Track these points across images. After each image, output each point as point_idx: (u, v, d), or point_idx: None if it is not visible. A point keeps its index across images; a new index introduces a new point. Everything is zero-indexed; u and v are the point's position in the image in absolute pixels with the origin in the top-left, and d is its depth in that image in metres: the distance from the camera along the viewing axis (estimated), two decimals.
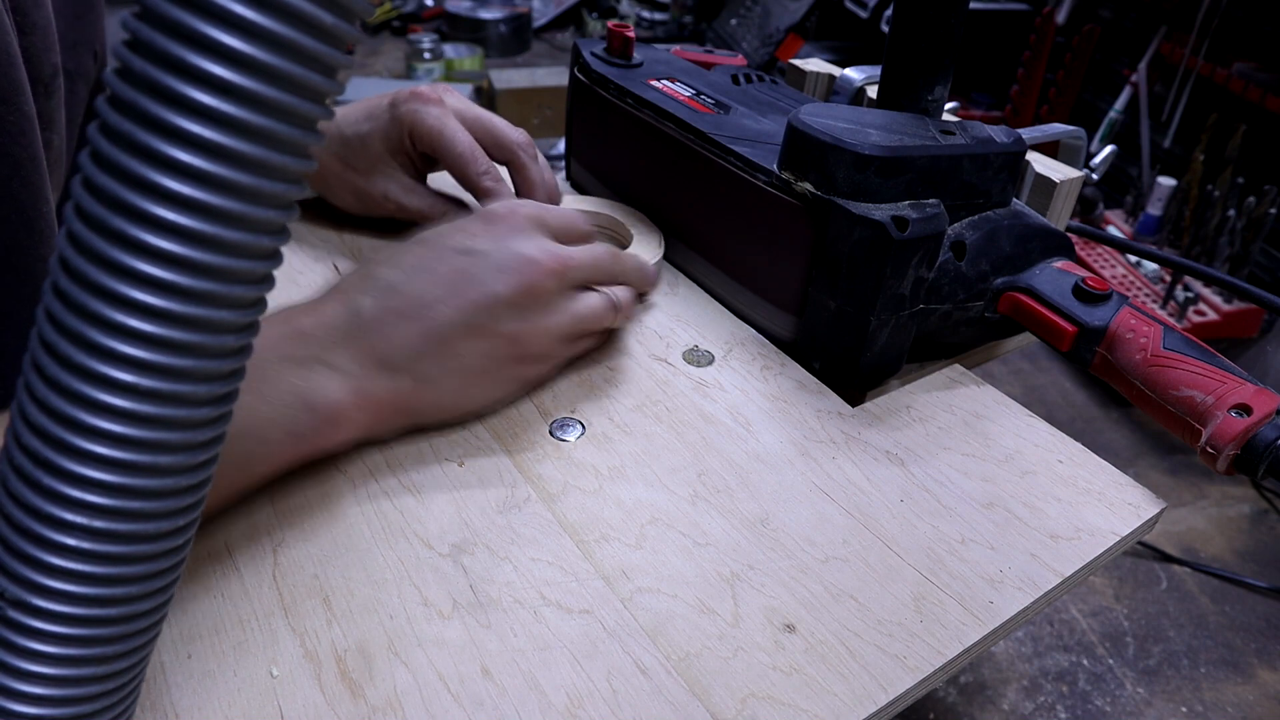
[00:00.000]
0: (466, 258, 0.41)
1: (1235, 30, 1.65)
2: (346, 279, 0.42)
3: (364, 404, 0.39)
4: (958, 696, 1.06)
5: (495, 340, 0.41)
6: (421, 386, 0.41)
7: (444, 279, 0.41)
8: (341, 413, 0.39)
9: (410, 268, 0.41)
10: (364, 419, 0.40)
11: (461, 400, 0.43)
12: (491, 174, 0.54)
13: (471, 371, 0.42)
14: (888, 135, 0.45)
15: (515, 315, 0.42)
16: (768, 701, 0.33)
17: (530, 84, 2.29)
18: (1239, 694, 1.08)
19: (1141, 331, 0.44)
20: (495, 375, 0.43)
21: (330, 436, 0.39)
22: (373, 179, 0.57)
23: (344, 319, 0.40)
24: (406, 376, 0.40)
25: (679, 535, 0.39)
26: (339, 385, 0.39)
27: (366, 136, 0.55)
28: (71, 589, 0.23)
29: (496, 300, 0.41)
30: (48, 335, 0.22)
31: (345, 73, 0.23)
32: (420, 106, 0.54)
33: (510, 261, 0.41)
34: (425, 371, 0.40)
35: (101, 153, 0.21)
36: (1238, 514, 1.35)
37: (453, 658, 0.33)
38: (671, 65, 0.63)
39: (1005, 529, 0.41)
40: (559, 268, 0.42)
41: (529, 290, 0.41)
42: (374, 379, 0.40)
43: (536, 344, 0.43)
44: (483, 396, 0.44)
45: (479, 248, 0.42)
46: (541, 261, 0.42)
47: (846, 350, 0.47)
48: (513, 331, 0.42)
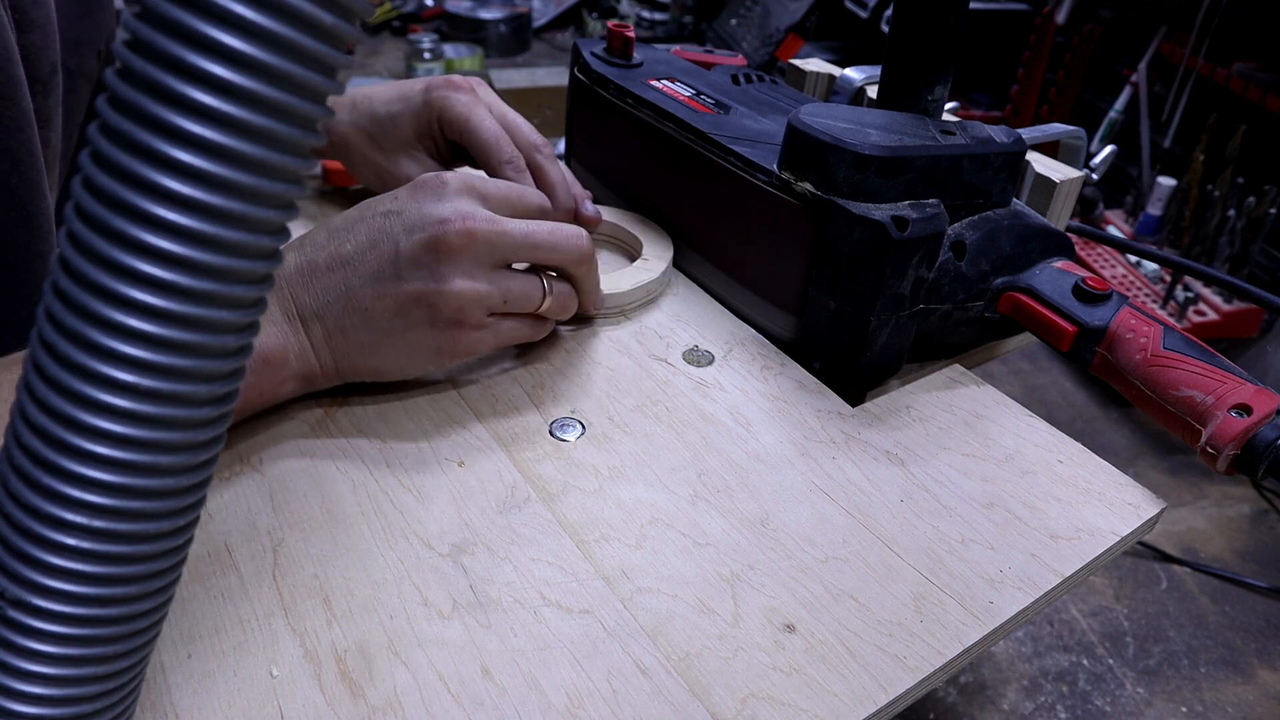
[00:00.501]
0: (385, 219, 0.43)
1: (1235, 30, 1.65)
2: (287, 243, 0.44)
3: (290, 348, 0.42)
4: (958, 696, 1.06)
5: (402, 299, 0.42)
6: (334, 336, 0.42)
7: (360, 237, 0.43)
8: (271, 354, 0.41)
9: (335, 228, 0.43)
10: (294, 364, 0.42)
11: (375, 359, 0.43)
12: (515, 163, 0.54)
13: (381, 329, 0.42)
14: (888, 135, 0.45)
15: (422, 273, 0.41)
16: (768, 701, 0.33)
17: (530, 84, 2.28)
18: (1239, 694, 1.08)
19: (1141, 331, 0.44)
20: (408, 337, 0.43)
21: (266, 378, 0.41)
22: (397, 160, 0.58)
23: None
24: (318, 325, 0.42)
25: (679, 535, 0.39)
26: (267, 331, 0.41)
27: (398, 117, 0.57)
28: (71, 589, 0.23)
29: (400, 255, 0.41)
30: (48, 335, 0.22)
31: (345, 73, 0.23)
32: (452, 93, 0.55)
33: (421, 220, 0.42)
34: (337, 322, 0.42)
35: (101, 152, 0.21)
36: (1238, 514, 1.35)
37: (453, 658, 0.33)
38: (671, 65, 0.63)
39: (1005, 529, 0.41)
40: (468, 228, 0.41)
41: (432, 247, 0.41)
42: (295, 326, 0.42)
43: (448, 306, 0.42)
44: (397, 358, 0.44)
45: (397, 209, 0.43)
46: (450, 220, 0.41)
47: (846, 350, 0.47)
48: (418, 290, 0.41)
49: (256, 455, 0.42)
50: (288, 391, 0.43)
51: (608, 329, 0.52)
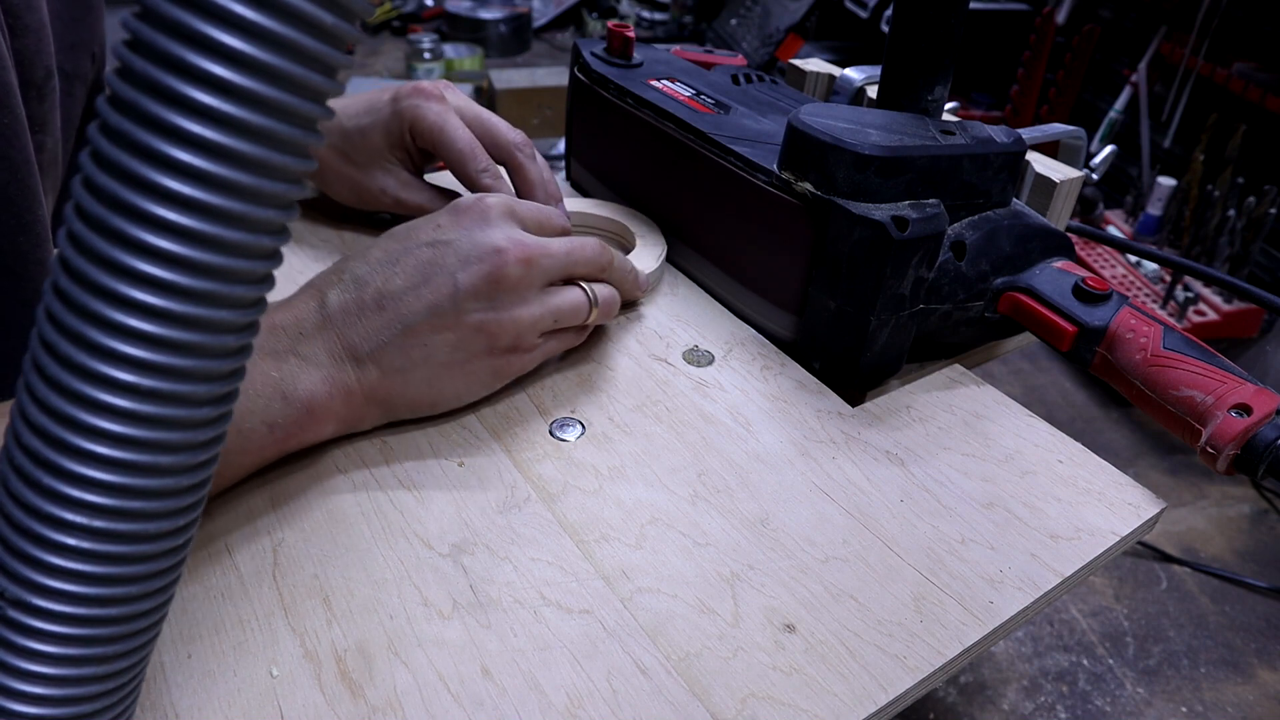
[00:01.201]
0: (432, 249, 0.42)
1: (1235, 30, 1.65)
2: (320, 275, 0.43)
3: (336, 394, 0.40)
4: (958, 696, 1.06)
5: (462, 331, 0.41)
6: (390, 377, 0.41)
7: (410, 270, 0.41)
8: (316, 402, 0.39)
9: (378, 261, 0.42)
10: (339, 409, 0.40)
11: (432, 392, 0.43)
12: (491, 171, 0.54)
13: (440, 363, 0.42)
14: (888, 135, 0.45)
15: (482, 305, 0.41)
16: (768, 701, 0.33)
17: (530, 84, 2.29)
18: (1239, 694, 1.08)
19: (1141, 331, 0.44)
20: (466, 368, 0.43)
21: (308, 427, 0.39)
22: (371, 173, 0.57)
23: (313, 312, 0.40)
24: (373, 367, 0.41)
25: (679, 535, 0.39)
26: (311, 376, 0.39)
27: (367, 130, 0.55)
28: (72, 589, 0.23)
29: (460, 290, 0.41)
30: (48, 335, 0.22)
31: (345, 73, 0.23)
32: (422, 102, 0.54)
33: (475, 251, 0.41)
34: (392, 362, 0.41)
35: (101, 152, 0.21)
36: (1238, 514, 1.35)
37: (453, 658, 0.33)
38: (671, 65, 0.63)
39: (1005, 529, 0.41)
40: (525, 256, 0.42)
41: (494, 279, 0.41)
42: (343, 370, 0.40)
43: (507, 335, 0.42)
44: (455, 389, 0.43)
45: (445, 238, 0.42)
46: (507, 250, 0.41)
47: (846, 350, 0.47)
48: (479, 322, 0.41)
49: None
50: (328, 434, 0.41)
51: (604, 325, 0.52)
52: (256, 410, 0.37)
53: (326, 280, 0.42)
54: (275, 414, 0.38)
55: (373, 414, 0.42)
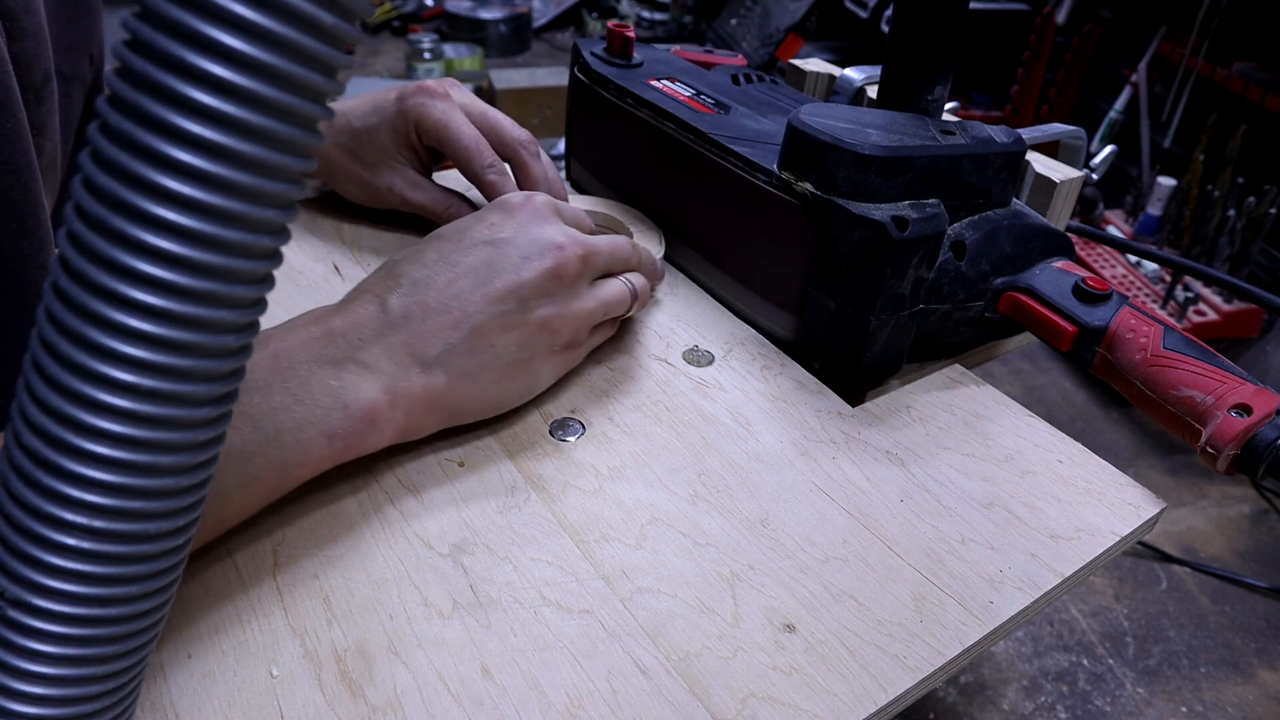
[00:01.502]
0: (491, 248, 0.41)
1: (1235, 30, 1.65)
2: (371, 279, 0.42)
3: (399, 402, 0.39)
4: (958, 696, 1.06)
5: (527, 328, 0.41)
6: (457, 381, 0.40)
7: (471, 270, 0.41)
8: (377, 412, 0.38)
9: (434, 262, 0.41)
10: (400, 418, 0.39)
11: (498, 394, 0.42)
12: (496, 168, 0.54)
13: (506, 363, 0.41)
14: (888, 135, 0.45)
15: (546, 301, 0.42)
16: (768, 701, 0.33)
17: (530, 84, 2.28)
18: (1239, 694, 1.08)
19: (1141, 331, 0.44)
20: (530, 365, 0.43)
21: (366, 437, 0.38)
22: (379, 172, 0.57)
23: (374, 317, 0.39)
24: (441, 372, 0.40)
25: (679, 535, 0.39)
26: (373, 384, 0.38)
27: (374, 129, 0.56)
28: (72, 589, 0.23)
29: (526, 286, 0.41)
30: (48, 335, 0.22)
31: (345, 73, 0.23)
32: (427, 100, 0.54)
33: (535, 247, 0.41)
34: (460, 365, 0.40)
35: (101, 153, 0.21)
36: (1238, 514, 1.35)
37: (453, 658, 0.33)
38: (671, 65, 0.63)
39: (1005, 529, 0.41)
40: (584, 251, 0.43)
41: (557, 274, 0.41)
42: (408, 376, 0.39)
43: (568, 330, 0.43)
44: (518, 388, 0.43)
45: (502, 236, 0.42)
46: (566, 246, 0.42)
47: (846, 350, 0.47)
48: (544, 318, 0.42)
49: None
50: (385, 444, 0.40)
51: None
52: (315, 420, 0.36)
53: (381, 284, 0.41)
54: (335, 424, 0.36)
55: (433, 420, 0.41)
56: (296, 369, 0.36)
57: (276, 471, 0.36)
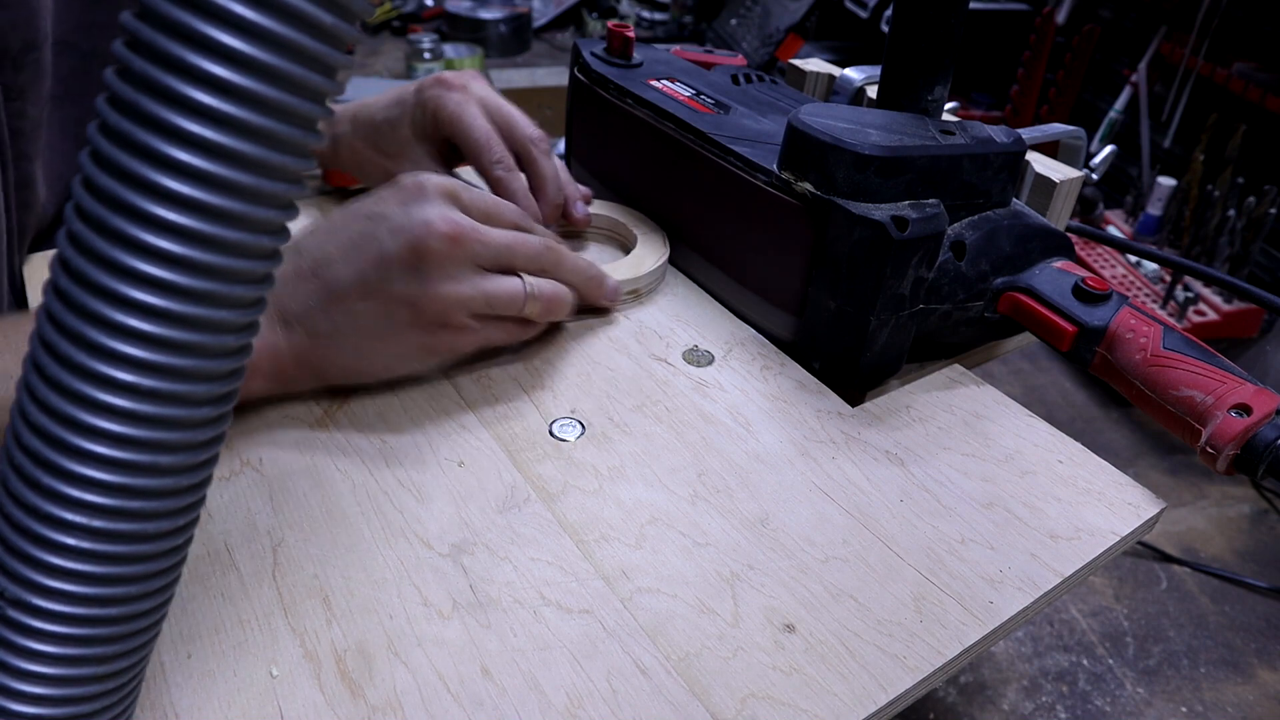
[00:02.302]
0: (369, 221, 0.43)
1: (1235, 30, 1.65)
2: None
3: (264, 351, 0.41)
4: (958, 696, 1.06)
5: (388, 301, 0.42)
6: (318, 341, 0.42)
7: (345, 240, 0.42)
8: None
9: (320, 231, 0.43)
10: (265, 366, 0.42)
11: (361, 361, 0.44)
12: (504, 163, 0.54)
13: (367, 332, 0.43)
14: (888, 135, 0.45)
15: (408, 276, 0.42)
16: (768, 701, 0.33)
17: (530, 84, 2.28)
18: (1239, 694, 1.08)
19: (1141, 331, 0.44)
20: (394, 338, 0.43)
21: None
22: (401, 164, 0.58)
23: None
24: (301, 330, 0.42)
25: (679, 535, 0.39)
26: None
27: (396, 121, 0.57)
28: (71, 589, 0.23)
29: (386, 258, 0.41)
30: (48, 335, 0.22)
31: (345, 73, 0.23)
32: (443, 92, 0.55)
33: (406, 224, 0.42)
34: (320, 326, 0.42)
35: (101, 152, 0.21)
36: (1238, 514, 1.35)
37: (452, 658, 0.33)
38: (671, 65, 0.63)
39: (1005, 529, 0.41)
40: (453, 233, 0.42)
41: (418, 250, 0.41)
42: (273, 331, 0.42)
43: (433, 309, 0.42)
44: (384, 359, 0.44)
45: (381, 211, 0.43)
46: (435, 224, 0.42)
47: (846, 350, 0.47)
48: (405, 293, 0.42)
49: (256, 455, 0.42)
50: (256, 391, 0.43)
51: (605, 326, 0.52)
52: None
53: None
54: None
55: (304, 377, 0.44)
56: None
57: None
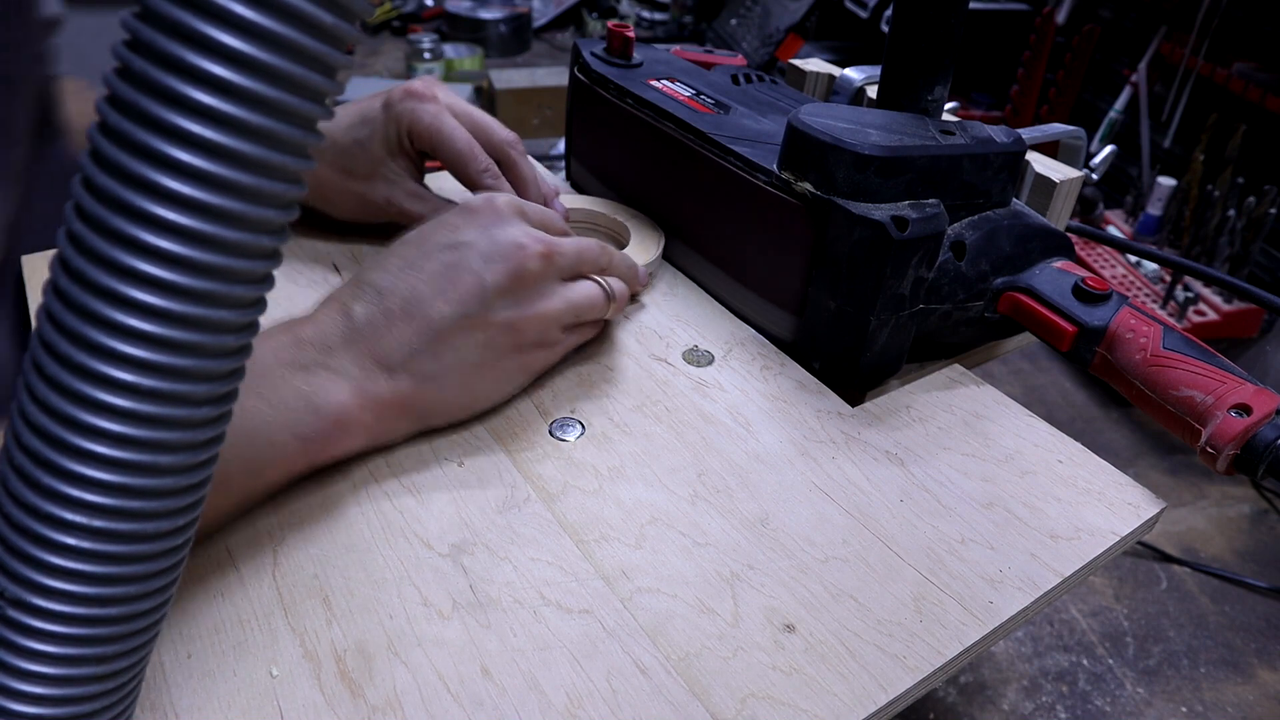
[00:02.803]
0: (453, 251, 0.41)
1: (1235, 30, 1.65)
2: (341, 288, 0.42)
3: (368, 405, 0.39)
4: (958, 696, 1.06)
5: (491, 330, 0.41)
6: (423, 385, 0.41)
7: (432, 275, 0.41)
8: (347, 414, 0.39)
9: (397, 268, 0.41)
10: (370, 421, 0.40)
11: (466, 396, 0.43)
12: (491, 171, 0.54)
13: (471, 365, 0.41)
14: (888, 135, 0.45)
15: (508, 302, 0.41)
16: (768, 701, 0.33)
17: (530, 84, 2.28)
18: (1239, 694, 1.08)
19: (1141, 331, 0.44)
20: (496, 367, 0.43)
21: (337, 440, 0.39)
22: (374, 184, 0.56)
23: (340, 325, 0.40)
24: (405, 376, 0.40)
25: (679, 535, 0.39)
26: (341, 388, 0.39)
27: (365, 141, 0.55)
28: (71, 589, 0.23)
29: (487, 288, 0.41)
30: (47, 335, 0.22)
31: (345, 73, 0.23)
32: (417, 105, 0.53)
33: (497, 249, 0.41)
34: (424, 369, 0.40)
35: (101, 152, 0.21)
36: (1238, 514, 1.35)
37: (452, 658, 0.33)
38: (671, 65, 0.63)
39: (1005, 529, 0.41)
40: (546, 251, 0.42)
41: (519, 275, 0.41)
42: (374, 381, 0.40)
43: (533, 330, 0.43)
44: (488, 391, 0.43)
45: (464, 240, 0.42)
46: (528, 246, 0.42)
47: (846, 350, 0.47)
48: (507, 319, 0.42)
49: None
50: (358, 448, 0.41)
51: (605, 326, 0.52)
52: (287, 423, 0.37)
53: (349, 292, 0.41)
54: (306, 427, 0.37)
55: (404, 424, 0.42)
56: (268, 374, 0.37)
57: (250, 473, 0.36)
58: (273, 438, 0.36)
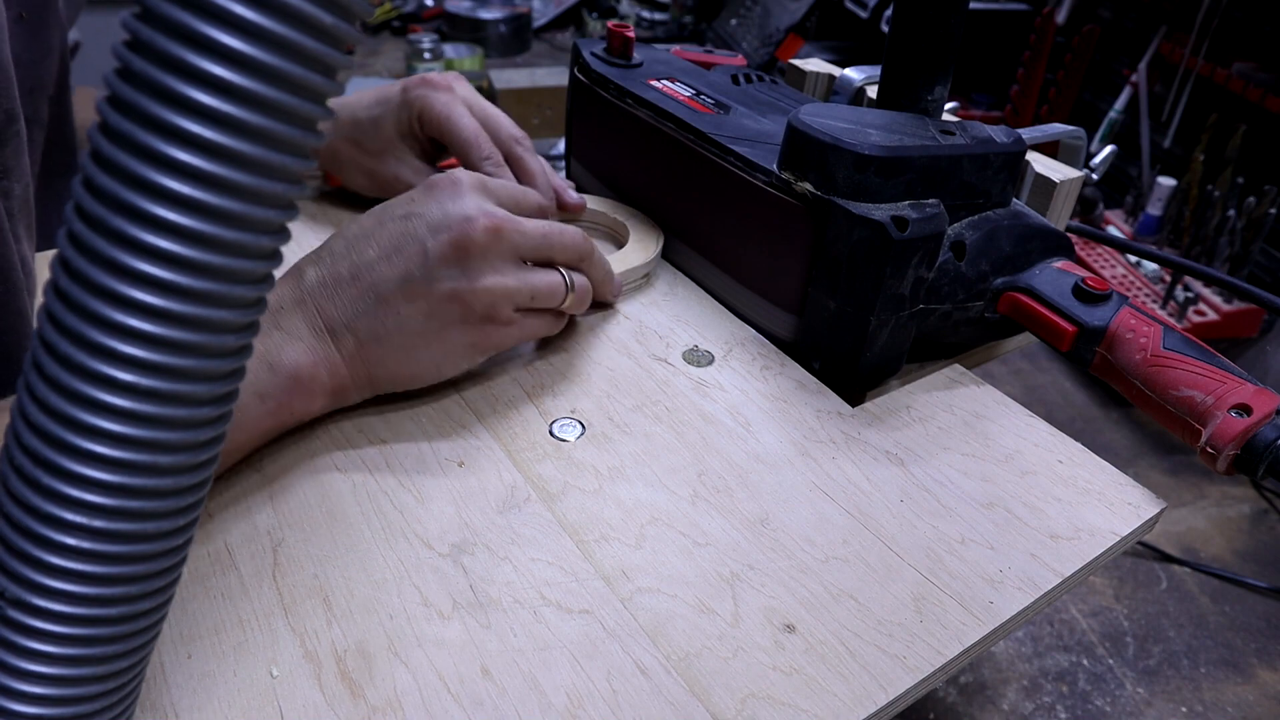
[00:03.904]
0: (405, 220, 0.42)
1: (1235, 30, 1.65)
2: (301, 258, 0.44)
3: (320, 364, 0.41)
4: (958, 696, 1.06)
5: (434, 300, 0.42)
6: (367, 347, 0.42)
7: (383, 242, 0.42)
8: (301, 371, 0.40)
9: (354, 235, 0.43)
10: (324, 378, 0.41)
11: (411, 363, 0.43)
12: (494, 160, 0.55)
13: (415, 333, 0.42)
14: (888, 135, 0.45)
15: (452, 272, 0.41)
16: (768, 701, 0.33)
17: (530, 84, 2.28)
18: (1239, 694, 1.08)
19: (1141, 331, 0.44)
20: (441, 337, 0.43)
21: (296, 396, 0.40)
22: (384, 160, 0.58)
23: (292, 287, 0.42)
24: (350, 337, 0.41)
25: (679, 535, 0.39)
26: (295, 348, 0.40)
27: (379, 120, 0.57)
28: (72, 589, 0.23)
29: (430, 257, 0.41)
30: (48, 335, 0.22)
31: (345, 73, 0.23)
32: (430, 92, 0.56)
33: (445, 219, 0.42)
34: (368, 331, 0.41)
35: (102, 152, 0.21)
36: (1238, 514, 1.35)
37: (453, 658, 0.33)
38: (671, 65, 0.63)
39: (1005, 529, 0.41)
40: (494, 225, 0.42)
41: (462, 245, 0.41)
42: (324, 342, 0.41)
43: (479, 303, 0.42)
44: (433, 360, 0.44)
45: (417, 210, 0.43)
46: (475, 218, 0.42)
47: (846, 350, 0.47)
48: (451, 289, 0.41)
49: (257, 455, 0.42)
50: (319, 408, 0.42)
51: (605, 326, 0.52)
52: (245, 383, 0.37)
53: (307, 259, 0.43)
54: (264, 384, 0.39)
55: (357, 387, 0.43)
56: None
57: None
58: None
